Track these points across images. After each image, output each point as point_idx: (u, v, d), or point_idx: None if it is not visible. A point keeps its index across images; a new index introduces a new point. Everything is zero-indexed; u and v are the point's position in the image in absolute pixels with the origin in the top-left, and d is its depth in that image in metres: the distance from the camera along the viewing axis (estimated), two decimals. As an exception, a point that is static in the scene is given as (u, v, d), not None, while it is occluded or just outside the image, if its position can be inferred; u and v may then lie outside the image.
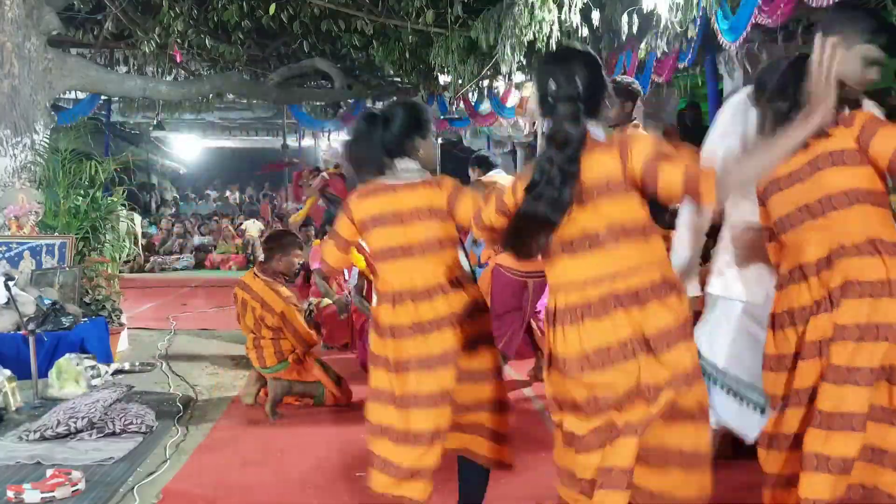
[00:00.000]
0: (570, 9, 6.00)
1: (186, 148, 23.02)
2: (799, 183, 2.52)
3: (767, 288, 2.84)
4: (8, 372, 5.02)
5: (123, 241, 7.56)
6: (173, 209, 21.49)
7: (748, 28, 5.18)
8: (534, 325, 5.67)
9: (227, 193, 24.87)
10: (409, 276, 2.84)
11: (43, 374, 5.33)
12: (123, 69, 11.17)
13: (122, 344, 6.85)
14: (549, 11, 6.12)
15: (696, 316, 3.09)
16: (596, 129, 2.38)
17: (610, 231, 2.31)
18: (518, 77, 9.93)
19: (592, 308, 2.31)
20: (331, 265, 3.12)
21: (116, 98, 12.68)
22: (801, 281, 2.51)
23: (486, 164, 6.06)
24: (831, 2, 4.46)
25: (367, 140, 2.93)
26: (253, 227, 16.35)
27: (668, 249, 2.95)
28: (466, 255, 3.05)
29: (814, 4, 4.56)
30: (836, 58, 2.29)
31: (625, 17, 5.94)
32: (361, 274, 6.11)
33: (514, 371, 5.89)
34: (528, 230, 2.37)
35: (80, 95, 11.83)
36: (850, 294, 2.39)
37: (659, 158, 2.25)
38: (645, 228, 2.35)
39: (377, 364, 2.89)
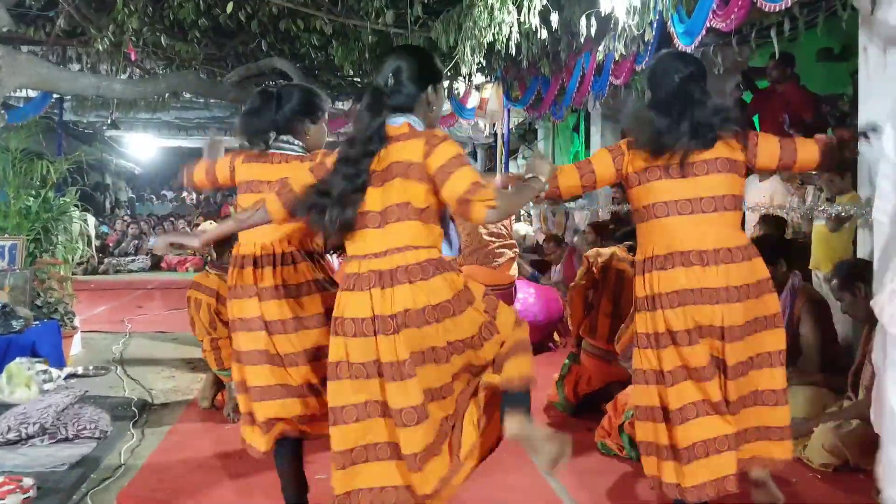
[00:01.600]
0: (529, 11, 6.03)
1: (142, 147, 22.65)
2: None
3: None
4: (-44, 377, 4.91)
5: (76, 242, 7.42)
6: (128, 210, 21.19)
7: (703, 32, 5.27)
8: None
9: (184, 194, 24.58)
10: (261, 240, 3.09)
11: (-7, 378, 5.22)
12: (76, 67, 10.94)
13: (75, 347, 6.73)
14: (509, 13, 6.14)
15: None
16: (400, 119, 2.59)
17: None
18: (478, 78, 9.96)
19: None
20: (195, 182, 3.37)
21: (69, 96, 12.45)
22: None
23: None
24: (783, 7, 4.55)
25: (259, 115, 3.14)
26: (210, 228, 16.14)
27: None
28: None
29: (766, 9, 4.65)
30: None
31: (583, 20, 5.99)
32: None
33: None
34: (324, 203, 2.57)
35: (32, 94, 11.59)
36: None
37: (451, 167, 2.45)
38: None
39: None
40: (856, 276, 3.98)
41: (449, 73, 8.52)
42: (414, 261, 2.47)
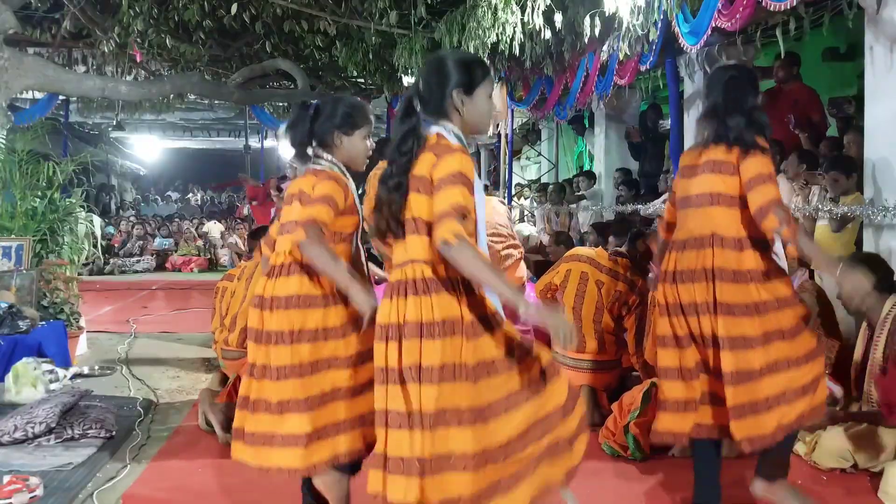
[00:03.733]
0: (532, 11, 6.03)
1: (147, 149, 22.75)
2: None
3: None
4: (-37, 377, 4.93)
5: (82, 243, 7.43)
6: (133, 210, 21.25)
7: (708, 31, 5.26)
8: None
9: (189, 195, 24.66)
10: (276, 252, 2.97)
11: (-1, 378, 5.24)
12: (82, 69, 11.00)
13: (80, 347, 6.74)
14: (512, 13, 6.15)
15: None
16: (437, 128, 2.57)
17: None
18: (481, 79, 9.94)
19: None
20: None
21: (75, 98, 12.49)
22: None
23: None
24: (789, 6, 4.54)
25: (295, 127, 3.05)
26: (214, 229, 16.19)
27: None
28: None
29: (771, 8, 4.65)
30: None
31: (587, 20, 5.99)
32: None
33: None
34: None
35: (38, 95, 11.65)
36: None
37: (443, 183, 2.44)
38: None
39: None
40: (866, 267, 3.99)
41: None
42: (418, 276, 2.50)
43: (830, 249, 5.43)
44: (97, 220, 8.07)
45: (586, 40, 6.48)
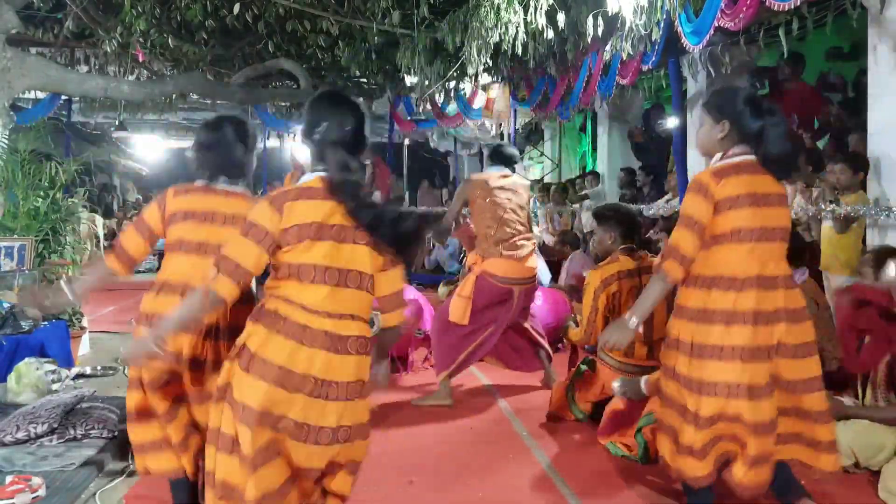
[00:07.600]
0: (535, 11, 6.02)
1: (149, 149, 22.73)
2: None
3: None
4: (-35, 377, 4.93)
5: (84, 243, 7.44)
6: (136, 210, 21.24)
7: (711, 31, 5.26)
8: (531, 331, 5.61)
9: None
10: (192, 271, 2.93)
11: (1, 378, 5.23)
12: (84, 69, 11.01)
13: (83, 347, 6.74)
14: (515, 13, 6.14)
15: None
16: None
17: None
18: (484, 79, 9.95)
19: None
20: (129, 252, 3.08)
21: (77, 98, 12.50)
22: None
23: (497, 158, 5.53)
24: (792, 6, 4.53)
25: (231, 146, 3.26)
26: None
27: None
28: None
29: (775, 8, 4.64)
30: None
31: (590, 20, 5.98)
32: None
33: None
34: None
35: (40, 95, 11.65)
36: None
37: None
38: None
39: None
40: (882, 261, 4.01)
41: (455, 74, 8.53)
42: None
43: (837, 250, 5.40)
44: (100, 220, 8.07)
45: (589, 40, 6.48)
